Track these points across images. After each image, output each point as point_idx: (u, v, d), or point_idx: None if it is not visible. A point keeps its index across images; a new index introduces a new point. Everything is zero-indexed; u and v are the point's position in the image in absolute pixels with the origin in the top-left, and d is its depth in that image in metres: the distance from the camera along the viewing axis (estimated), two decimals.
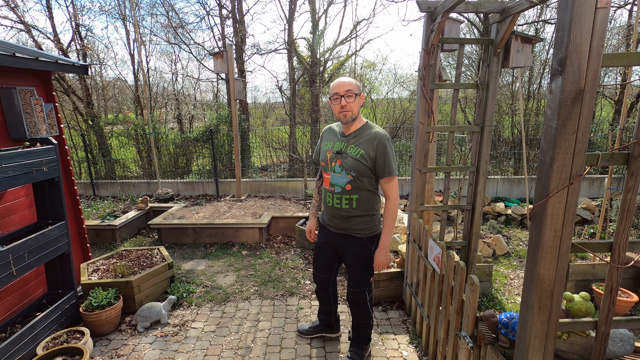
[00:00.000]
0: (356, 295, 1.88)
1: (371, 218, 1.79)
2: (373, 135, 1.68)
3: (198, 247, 4.05)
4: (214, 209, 4.68)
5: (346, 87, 1.70)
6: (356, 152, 1.72)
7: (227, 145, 6.86)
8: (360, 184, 1.72)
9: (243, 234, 4.11)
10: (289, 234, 4.39)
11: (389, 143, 1.66)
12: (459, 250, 3.25)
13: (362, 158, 1.69)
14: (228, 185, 5.98)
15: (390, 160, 1.65)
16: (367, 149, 1.68)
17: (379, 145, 1.66)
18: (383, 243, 1.72)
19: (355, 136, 1.73)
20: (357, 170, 1.71)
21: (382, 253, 1.70)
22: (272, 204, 4.95)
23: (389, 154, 1.65)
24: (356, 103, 1.70)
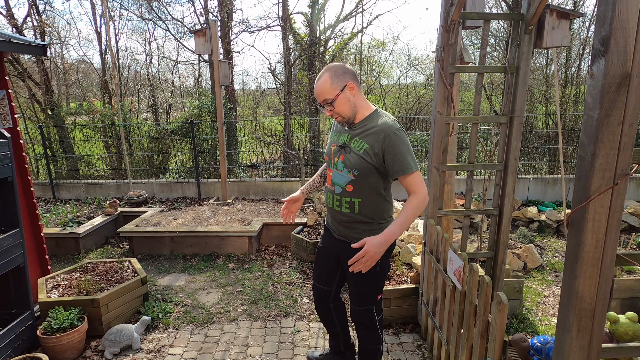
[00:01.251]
0: (361, 315, 1.85)
1: (378, 227, 1.74)
2: (380, 126, 1.63)
3: (176, 259, 4.06)
4: (195, 214, 4.68)
5: (320, 97, 1.66)
6: (360, 146, 1.66)
7: (210, 139, 6.87)
8: (363, 185, 1.68)
9: (229, 244, 4.12)
10: (283, 244, 4.40)
11: (400, 134, 1.59)
12: (483, 262, 3.25)
13: (365, 154, 1.65)
14: (212, 186, 6.00)
15: (404, 155, 1.57)
16: (371, 143, 1.63)
17: (386, 139, 1.59)
18: (386, 233, 1.53)
19: (361, 127, 1.70)
20: (359, 168, 1.67)
21: (375, 242, 1.52)
22: (264, 209, 4.96)
23: (400, 148, 1.58)
24: (342, 104, 1.66)
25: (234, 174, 7.18)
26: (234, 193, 5.89)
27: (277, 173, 7.76)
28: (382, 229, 1.76)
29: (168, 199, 5.99)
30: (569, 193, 5.44)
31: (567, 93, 6.56)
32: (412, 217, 1.59)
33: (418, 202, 1.58)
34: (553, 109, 6.65)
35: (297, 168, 7.23)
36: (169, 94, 9.81)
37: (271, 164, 8.40)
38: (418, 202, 1.58)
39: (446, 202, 2.83)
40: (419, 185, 1.58)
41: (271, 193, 5.90)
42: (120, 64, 9.70)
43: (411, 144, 6.83)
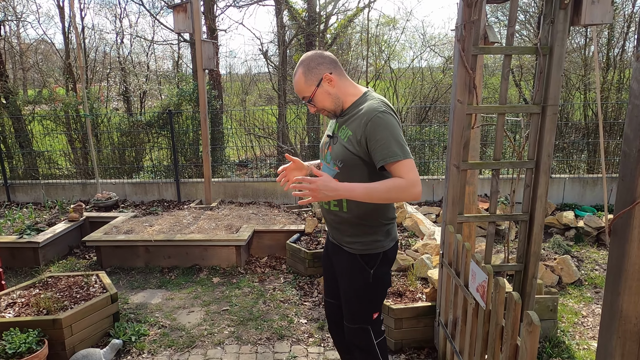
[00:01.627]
0: (355, 334, 1.88)
1: (370, 230, 1.77)
2: (363, 110, 1.65)
3: (152, 272, 4.07)
4: (174, 220, 4.70)
5: (300, 95, 1.76)
6: (345, 134, 1.69)
7: (192, 132, 6.89)
8: (348, 179, 1.69)
9: (214, 255, 4.13)
10: (277, 255, 4.40)
11: (384, 117, 1.59)
12: (511, 277, 3.25)
13: (348, 142, 1.68)
14: (193, 187, 6.01)
15: (387, 140, 1.57)
16: (354, 129, 1.66)
17: (368, 123, 1.60)
18: (344, 185, 1.54)
19: (348, 114, 1.74)
20: (342, 160, 1.70)
21: (328, 181, 1.53)
22: (254, 214, 4.98)
23: (383, 132, 1.57)
24: (322, 99, 1.72)
25: (219, 173, 7.19)
26: (220, 195, 5.90)
27: (269, 172, 7.76)
28: (375, 233, 1.77)
29: (142, 202, 5.99)
30: (611, 195, 5.44)
31: (608, 78, 6.56)
32: (384, 193, 1.53)
33: (401, 184, 1.53)
34: (593, 96, 6.64)
35: None
36: (143, 79, 9.82)
37: (263, 162, 8.41)
38: (401, 184, 1.53)
39: (467, 206, 2.83)
40: (407, 173, 1.55)
41: (263, 195, 5.91)
42: (87, 45, 9.71)
43: (427, 137, 6.95)
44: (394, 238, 1.82)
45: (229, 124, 8.10)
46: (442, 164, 6.67)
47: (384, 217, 1.78)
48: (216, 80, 8.39)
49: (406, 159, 1.56)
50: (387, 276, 1.84)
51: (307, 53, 1.74)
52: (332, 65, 1.72)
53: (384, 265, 1.80)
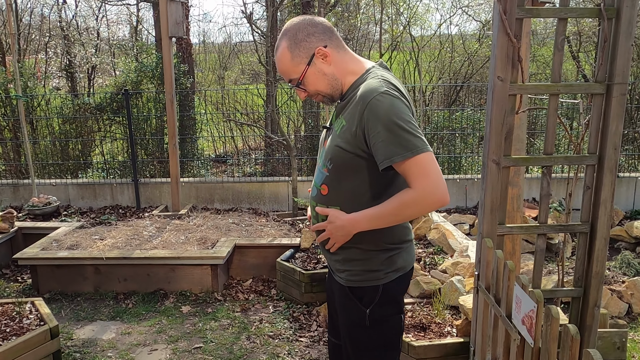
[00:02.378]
0: None
1: (363, 255, 1.73)
2: (359, 94, 1.62)
3: (104, 299, 4.07)
4: (131, 231, 4.71)
5: (285, 77, 1.76)
6: (339, 126, 1.70)
7: (155, 118, 6.90)
8: (339, 185, 1.68)
9: (183, 277, 4.13)
10: (264, 277, 4.42)
11: (384, 99, 1.54)
12: (567, 305, 3.25)
13: (342, 136, 1.66)
14: (157, 189, 6.03)
15: (391, 131, 1.52)
16: (349, 119, 1.64)
17: (364, 111, 1.56)
18: (351, 217, 1.66)
19: (347, 97, 1.72)
20: (332, 159, 1.68)
21: (341, 218, 1.67)
22: (236, 223, 4.98)
23: (384, 120, 1.53)
24: (315, 81, 1.71)
25: (190, 171, 7.19)
26: (191, 200, 5.90)
27: (255, 169, 7.77)
28: (375, 260, 1.73)
29: (91, 208, 6.00)
30: None
31: None
32: (392, 216, 1.59)
33: (409, 198, 1.55)
34: None
35: (285, 162, 7.23)
36: (92, 50, 9.82)
37: (247, 156, 8.40)
38: (409, 198, 1.55)
39: (510, 214, 2.83)
40: (418, 177, 1.53)
41: (246, 199, 5.92)
42: (19, 5, 9.73)
43: (457, 124, 6.95)
44: (401, 268, 1.76)
45: (202, 108, 8.10)
46: (477, 159, 6.67)
47: (388, 240, 1.73)
48: (186, 51, 8.39)
49: (418, 154, 1.51)
50: (394, 320, 1.78)
51: (293, 20, 1.70)
52: (326, 35, 1.68)
53: (385, 304, 1.75)
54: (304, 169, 7.14)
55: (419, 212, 1.60)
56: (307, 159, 7.26)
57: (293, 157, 5.49)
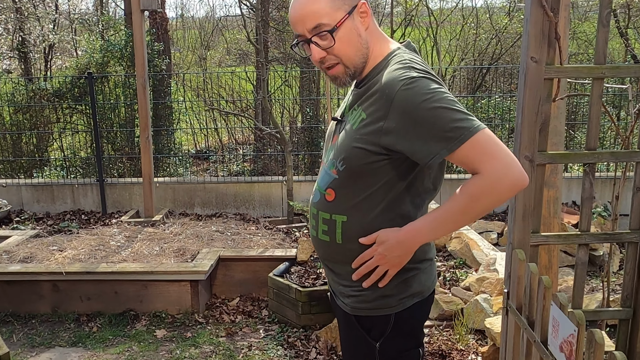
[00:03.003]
0: None
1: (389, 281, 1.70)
2: (381, 83, 1.60)
3: (63, 321, 4.06)
4: (96, 241, 4.70)
5: (307, 22, 1.61)
6: (356, 118, 1.66)
7: (123, 106, 6.87)
8: (350, 191, 1.67)
9: (158, 295, 4.12)
10: (254, 295, 4.41)
11: (416, 85, 1.53)
12: (613, 328, 3.25)
13: (359, 132, 1.63)
14: (126, 190, 6.03)
15: (435, 120, 1.50)
16: (370, 110, 1.61)
17: (392, 104, 1.54)
18: (408, 230, 1.62)
19: (366, 83, 1.68)
20: (345, 159, 1.65)
21: (391, 237, 1.62)
22: (220, 231, 4.97)
23: (422, 108, 1.51)
24: (348, 40, 1.62)
25: (166, 169, 7.18)
26: (167, 204, 5.90)
27: (243, 167, 7.74)
28: (396, 283, 1.70)
29: (48, 213, 6.00)
30: None
31: None
32: (463, 212, 1.55)
33: (481, 185, 1.51)
34: None
35: (279, 159, 7.22)
36: (49, 26, 9.81)
37: (233, 152, 8.37)
38: (481, 185, 1.51)
39: (546, 220, 2.83)
40: (485, 157, 1.49)
41: (233, 203, 5.93)
42: None
43: (483, 114, 6.92)
44: (417, 293, 1.74)
45: (180, 95, 8.08)
46: None
47: (413, 259, 1.70)
48: (161, 27, 8.39)
49: (472, 135, 1.48)
50: (411, 356, 1.77)
51: None
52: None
53: (399, 336, 1.73)
54: (301, 167, 7.13)
55: (494, 202, 1.54)
56: (304, 156, 7.26)
57: (288, 152, 5.49)
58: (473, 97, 7.36)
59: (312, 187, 1.89)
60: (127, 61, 6.82)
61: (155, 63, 6.89)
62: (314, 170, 6.85)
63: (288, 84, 7.90)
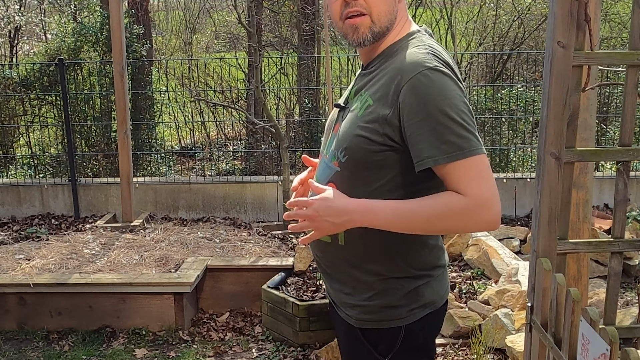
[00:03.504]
0: None
1: (382, 284, 1.72)
2: (397, 64, 1.62)
3: (31, 339, 4.04)
4: (68, 249, 4.69)
5: None
6: (362, 103, 1.68)
7: (99, 98, 6.85)
8: (353, 186, 1.67)
9: (137, 310, 4.11)
10: (245, 310, 4.41)
11: (434, 77, 1.55)
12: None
13: (364, 118, 1.64)
14: (102, 192, 6.02)
15: (440, 121, 1.52)
16: (379, 95, 1.62)
17: (403, 87, 1.56)
18: (361, 203, 1.60)
19: (378, 63, 1.71)
20: (348, 149, 1.67)
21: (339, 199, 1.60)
22: (207, 238, 4.97)
23: (432, 105, 1.53)
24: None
25: (147, 168, 7.15)
26: (147, 207, 5.89)
27: (233, 166, 7.72)
28: (398, 291, 1.71)
29: (14, 217, 5.98)
30: None
31: None
32: (430, 219, 1.55)
33: (460, 205, 1.54)
34: None
35: (274, 156, 7.19)
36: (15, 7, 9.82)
37: (222, 148, 8.35)
38: (460, 205, 1.54)
39: (575, 225, 2.83)
40: (476, 182, 1.54)
41: (222, 206, 5.92)
42: None
43: (503, 106, 6.91)
44: (430, 303, 1.75)
45: (163, 84, 8.06)
46: (530, 153, 6.66)
47: (414, 263, 1.72)
48: (141, 8, 8.38)
49: (473, 155, 1.51)
50: None
51: None
52: None
53: (409, 351, 1.75)
54: (299, 166, 7.12)
55: (463, 227, 1.61)
56: (302, 153, 7.24)
57: (284, 149, 5.48)
58: (492, 86, 7.34)
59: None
60: (103, 46, 6.81)
61: (135, 48, 6.88)
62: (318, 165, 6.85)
63: (284, 72, 7.90)
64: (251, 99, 7.87)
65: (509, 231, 5.27)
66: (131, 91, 6.44)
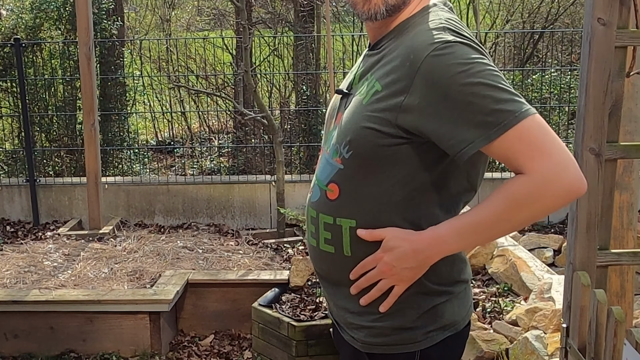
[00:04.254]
0: None
1: (398, 302, 1.71)
2: (408, 43, 1.62)
3: None
4: (26, 260, 4.69)
5: None
6: (368, 88, 1.68)
7: (62, 84, 6.86)
8: (359, 186, 1.68)
9: (107, 331, 4.11)
10: (233, 331, 4.41)
11: (453, 49, 1.55)
12: None
13: (370, 106, 1.64)
14: (65, 194, 6.03)
15: (472, 91, 1.51)
16: (388, 80, 1.62)
17: (418, 71, 1.56)
18: (432, 236, 1.61)
19: (388, 43, 1.72)
20: (353, 144, 1.67)
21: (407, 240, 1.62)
22: (188, 248, 4.97)
23: (457, 78, 1.52)
24: None
25: (117, 166, 7.13)
26: (119, 211, 5.90)
27: (218, 163, 7.70)
28: (412, 311, 1.71)
29: None
30: None
31: None
32: (502, 220, 1.56)
33: (528, 188, 1.52)
34: None
35: (266, 152, 7.17)
36: None
37: (205, 143, 8.32)
38: (528, 188, 1.52)
39: (618, 233, 2.84)
40: (534, 151, 1.51)
41: (205, 210, 5.93)
42: None
43: (535, 94, 6.87)
44: (450, 325, 1.75)
45: (136, 68, 8.05)
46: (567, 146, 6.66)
47: (431, 278, 1.71)
48: None
49: (520, 120, 1.48)
50: None
51: None
52: None
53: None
54: (296, 163, 7.14)
55: (541, 211, 1.56)
56: (300, 148, 7.26)
57: (278, 144, 5.49)
58: (521, 70, 7.36)
59: (309, 189, 1.88)
60: (67, 24, 6.81)
61: (104, 26, 6.88)
62: (312, 167, 6.84)
63: (278, 54, 7.90)
64: (239, 86, 7.88)
65: (540, 240, 5.27)
66: (99, 76, 6.45)
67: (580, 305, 2.37)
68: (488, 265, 4.54)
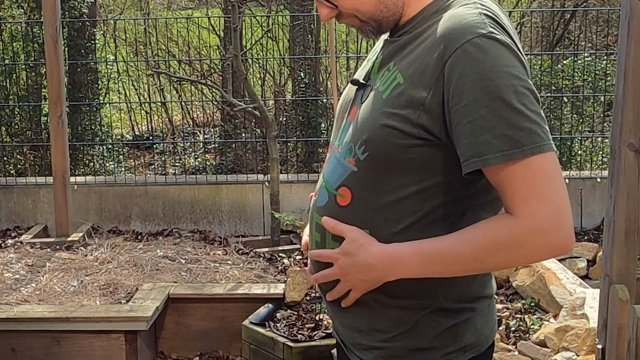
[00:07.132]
0: None
1: (412, 320, 1.74)
2: (442, 29, 1.60)
3: None
4: None
5: None
6: (388, 81, 1.68)
7: (24, 70, 6.89)
8: (376, 192, 1.68)
9: (77, 353, 4.11)
10: (220, 353, 4.43)
11: (491, 47, 1.53)
12: None
13: (392, 101, 1.64)
14: (29, 196, 6.04)
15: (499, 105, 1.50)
16: (413, 71, 1.62)
17: (452, 61, 1.54)
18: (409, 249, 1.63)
19: (407, 34, 1.71)
20: (370, 143, 1.66)
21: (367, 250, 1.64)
22: (169, 257, 4.99)
23: (489, 83, 1.51)
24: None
25: (89, 164, 7.12)
26: (90, 216, 5.90)
27: (204, 161, 7.70)
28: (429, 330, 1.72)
29: None
30: None
31: None
32: (473, 259, 1.56)
33: (513, 231, 1.53)
34: None
35: (259, 148, 7.17)
36: None
37: (189, 138, 8.31)
38: (513, 231, 1.53)
39: None
40: (534, 192, 1.52)
41: (189, 215, 5.94)
42: None
43: (566, 82, 6.87)
44: (471, 346, 1.76)
45: (110, 52, 8.06)
46: (601, 144, 6.66)
47: (451, 294, 1.72)
48: None
49: (534, 154, 1.49)
50: None
51: None
52: None
53: None
54: (292, 161, 7.15)
55: (520, 260, 1.62)
56: (297, 143, 7.26)
57: (272, 138, 5.49)
58: (550, 55, 7.36)
59: (307, 190, 1.88)
60: (30, 1, 6.82)
61: (72, 4, 6.88)
62: (311, 165, 6.86)
63: (272, 36, 7.90)
64: (228, 72, 7.87)
65: (573, 249, 5.27)
66: (68, 61, 6.46)
67: (617, 323, 2.37)
68: (512, 278, 4.54)
